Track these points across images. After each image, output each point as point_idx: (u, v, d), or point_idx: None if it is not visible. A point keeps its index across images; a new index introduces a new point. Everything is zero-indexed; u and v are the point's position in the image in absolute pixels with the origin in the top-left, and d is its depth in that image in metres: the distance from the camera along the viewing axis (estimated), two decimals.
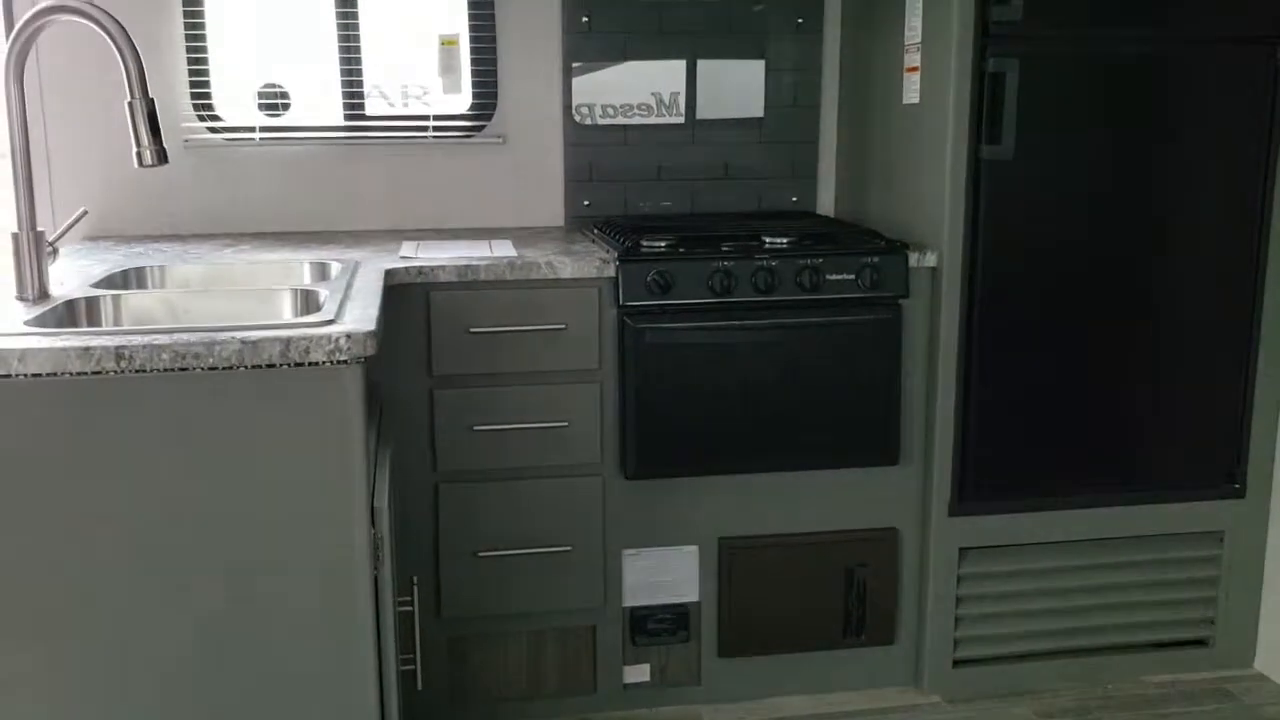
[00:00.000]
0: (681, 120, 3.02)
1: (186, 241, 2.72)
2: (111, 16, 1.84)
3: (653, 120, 3.01)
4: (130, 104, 1.83)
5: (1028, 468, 2.59)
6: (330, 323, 1.69)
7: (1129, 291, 2.55)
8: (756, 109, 3.05)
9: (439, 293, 2.35)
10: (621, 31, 2.94)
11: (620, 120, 2.99)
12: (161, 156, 1.85)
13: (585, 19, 2.92)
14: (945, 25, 2.42)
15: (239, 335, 1.62)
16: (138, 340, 1.59)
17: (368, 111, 2.93)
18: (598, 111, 2.98)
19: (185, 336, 1.61)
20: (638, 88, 2.99)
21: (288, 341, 1.62)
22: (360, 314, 1.78)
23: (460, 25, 2.91)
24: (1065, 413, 2.57)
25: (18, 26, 1.86)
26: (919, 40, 2.56)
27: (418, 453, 2.39)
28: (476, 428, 2.38)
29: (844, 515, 2.58)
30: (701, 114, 3.03)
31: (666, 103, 3.02)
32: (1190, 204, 2.53)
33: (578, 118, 2.96)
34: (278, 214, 2.88)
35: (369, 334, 1.66)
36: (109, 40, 1.83)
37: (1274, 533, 2.70)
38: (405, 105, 3.03)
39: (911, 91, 2.60)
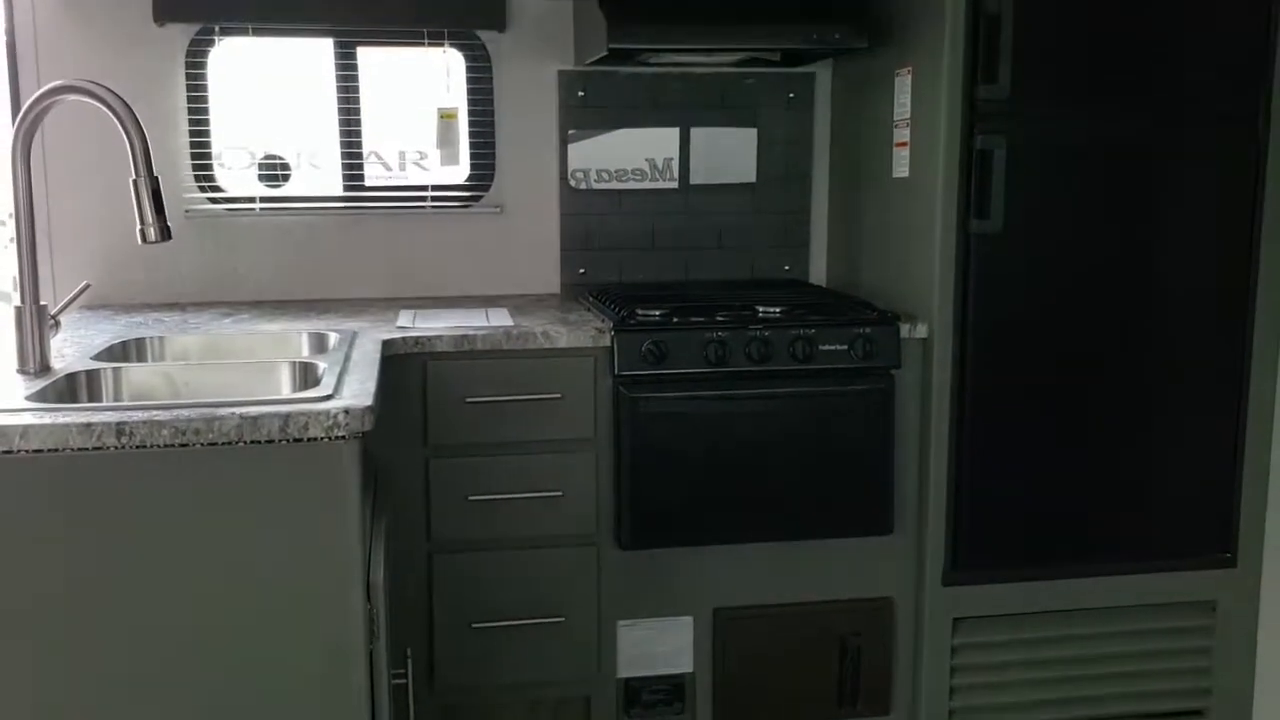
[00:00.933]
0: (675, 185, 3.07)
1: (186, 310, 2.75)
2: (118, 96, 1.88)
3: (646, 185, 3.06)
4: (135, 181, 1.87)
5: (1021, 537, 2.60)
6: (329, 398, 1.71)
7: (1118, 363, 2.58)
8: (749, 175, 3.09)
9: (436, 362, 2.37)
10: (616, 105, 2.99)
11: (615, 185, 3.04)
12: (165, 233, 1.88)
13: (581, 93, 2.98)
14: (934, 103, 2.48)
15: (238, 411, 1.64)
16: (138, 416, 1.61)
17: (367, 182, 2.98)
18: (593, 176, 3.02)
19: (185, 412, 1.63)
20: (631, 154, 3.04)
21: (286, 417, 1.64)
22: (358, 388, 1.80)
23: (459, 99, 2.96)
24: (1057, 482, 2.59)
25: (25, 106, 1.90)
26: (908, 116, 2.61)
27: (412, 522, 2.39)
28: (471, 498, 2.39)
29: (838, 585, 2.59)
30: (695, 179, 3.08)
31: (660, 168, 3.07)
32: (1176, 278, 2.57)
33: (573, 183, 3.01)
34: (277, 283, 2.91)
35: (366, 409, 1.68)
36: (115, 120, 1.87)
37: (1266, 602, 2.70)
38: (403, 170, 3.07)
39: (901, 166, 2.66)
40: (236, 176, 2.90)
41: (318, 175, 2.96)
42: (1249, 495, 2.66)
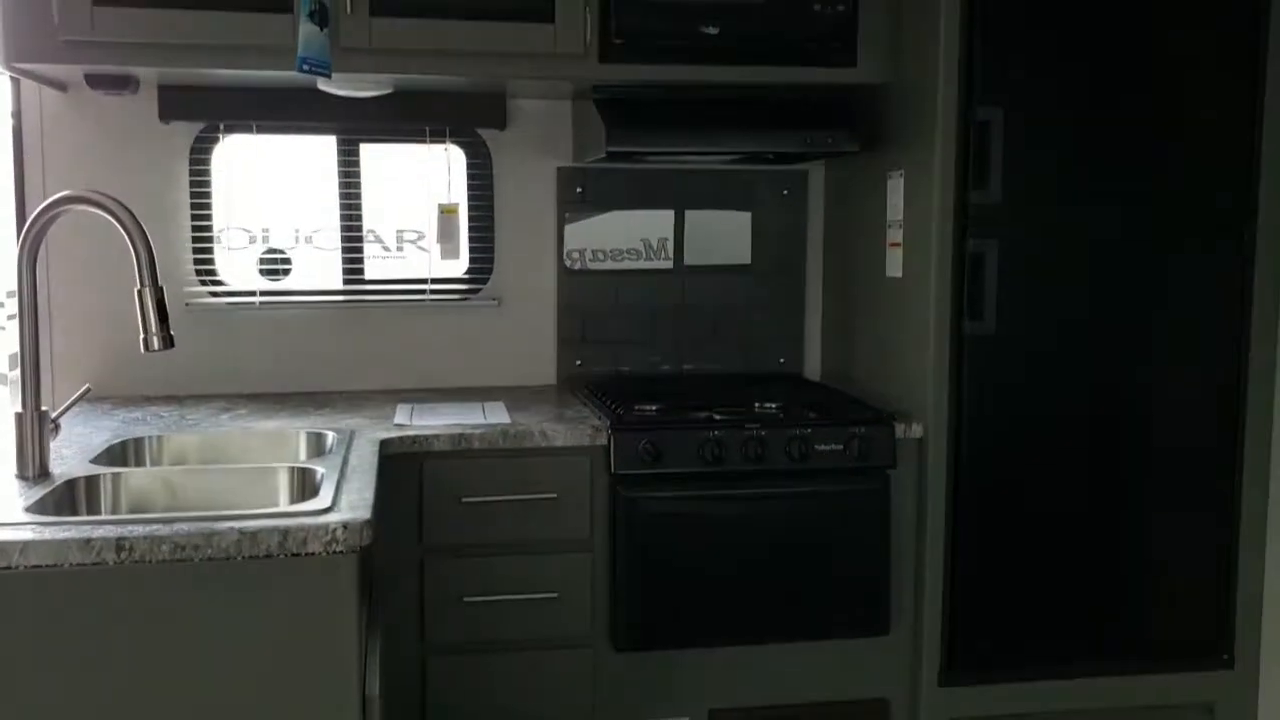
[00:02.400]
0: (670, 265, 3.10)
1: (184, 404, 2.76)
2: (124, 206, 1.91)
3: (641, 265, 3.09)
4: (140, 291, 1.89)
5: (1017, 638, 2.59)
6: (327, 510, 1.72)
7: (1113, 463, 2.59)
8: (744, 256, 3.12)
9: (432, 462, 2.38)
10: (613, 198, 3.04)
11: (610, 265, 3.07)
12: (168, 342, 1.90)
13: (579, 189, 3.02)
14: (926, 207, 2.52)
15: (237, 526, 1.64)
16: (138, 531, 1.61)
17: (366, 264, 3.01)
18: (588, 256, 3.06)
19: (184, 527, 1.63)
20: (627, 234, 3.07)
21: (285, 532, 1.64)
22: (356, 498, 1.80)
23: (460, 193, 3.00)
24: (1053, 583, 2.59)
25: (32, 217, 1.92)
26: (901, 218, 2.65)
27: (406, 623, 2.38)
28: (466, 599, 2.38)
29: (835, 686, 2.57)
30: (690, 260, 3.11)
31: (655, 248, 3.10)
32: (1170, 377, 2.60)
33: (568, 262, 3.04)
34: (275, 375, 2.93)
35: (365, 523, 1.68)
36: (122, 230, 1.89)
37: (1264, 704, 2.69)
38: (400, 251, 3.10)
39: (895, 265, 2.69)
40: (237, 270, 2.93)
41: (317, 268, 2.99)
42: (1245, 596, 2.67)
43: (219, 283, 2.92)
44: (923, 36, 2.52)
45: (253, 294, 2.92)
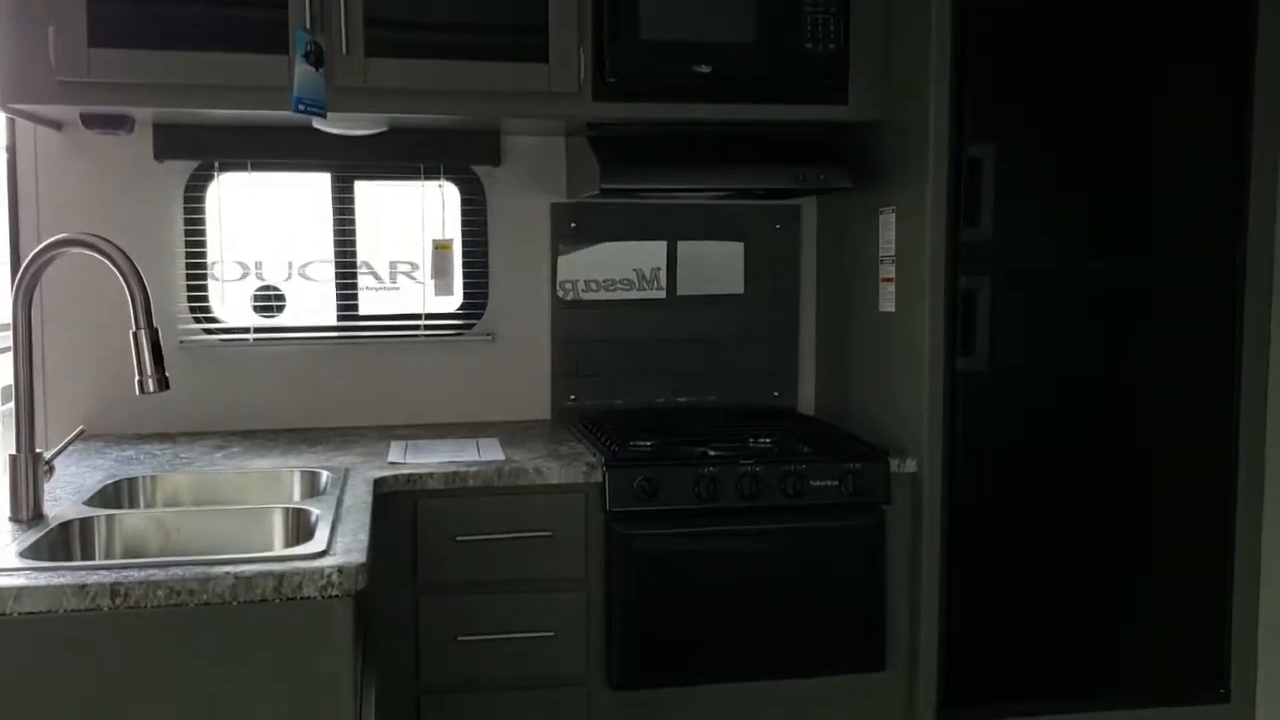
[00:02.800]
0: (663, 295, 3.10)
1: (177, 442, 2.75)
2: (119, 249, 1.91)
3: (634, 295, 3.09)
4: (135, 334, 1.89)
5: (1013, 673, 2.59)
6: (322, 554, 1.72)
7: (1107, 496, 2.60)
8: (737, 286, 3.13)
9: (426, 500, 2.38)
10: (607, 231, 3.05)
11: (603, 295, 3.07)
12: (163, 384, 1.90)
13: (573, 224, 3.04)
14: (918, 243, 2.54)
15: (232, 570, 1.64)
16: (134, 576, 1.61)
17: (359, 294, 3.01)
18: (580, 286, 3.06)
19: (180, 572, 1.63)
20: (620, 264, 3.08)
21: (280, 577, 1.64)
22: (351, 540, 1.80)
23: (454, 229, 3.01)
24: (1049, 617, 2.60)
25: (27, 260, 1.93)
26: (893, 253, 2.67)
27: (401, 662, 2.38)
28: (461, 638, 2.38)
29: None
30: (682, 289, 3.11)
31: (648, 278, 3.11)
32: (1161, 412, 2.61)
33: (561, 293, 3.04)
34: (269, 412, 2.93)
35: (360, 567, 1.68)
36: (117, 272, 1.90)
37: None
38: (394, 282, 3.10)
39: (887, 300, 2.71)
40: (232, 307, 2.93)
41: (312, 302, 2.99)
42: (1240, 629, 2.67)
43: (213, 320, 2.92)
44: (913, 75, 2.55)
45: (247, 331, 2.92)
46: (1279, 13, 2.58)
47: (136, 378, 1.90)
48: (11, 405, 2.04)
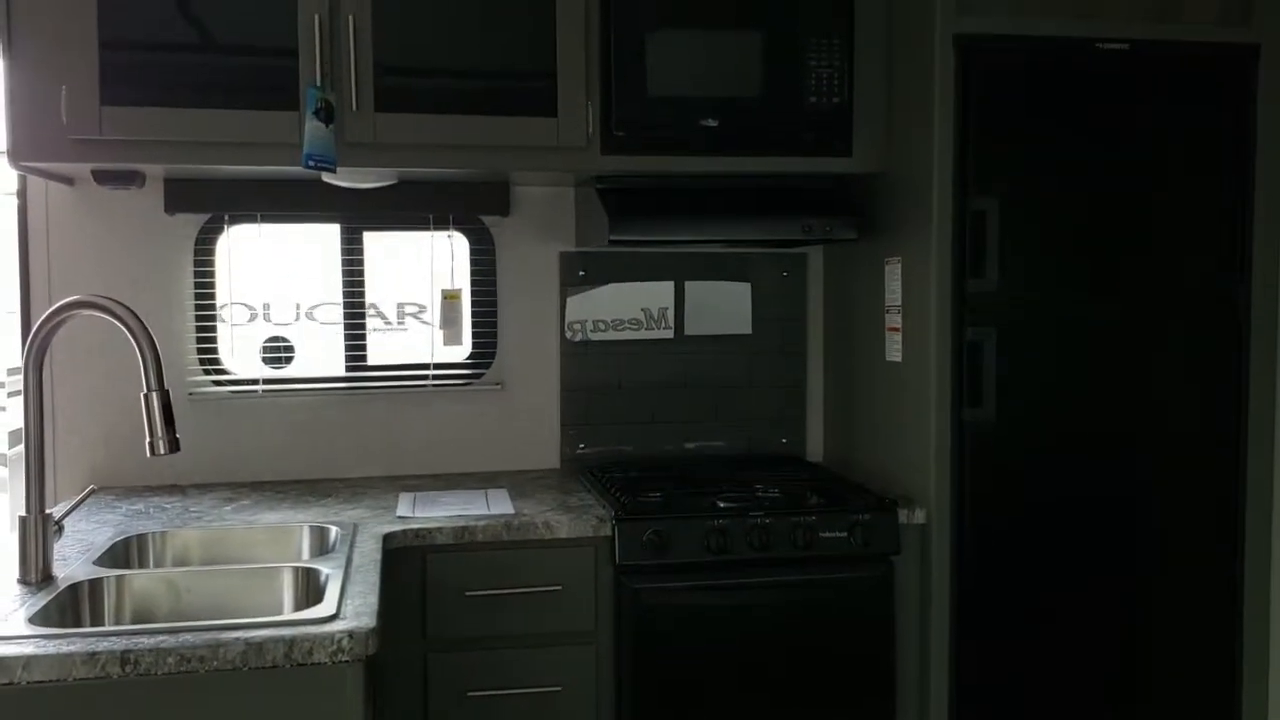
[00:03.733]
0: (670, 335, 3.11)
1: (187, 494, 2.76)
2: (131, 311, 1.93)
3: (642, 335, 3.10)
4: (146, 395, 1.90)
5: None
6: (333, 618, 1.72)
7: (1115, 547, 2.59)
8: (745, 326, 3.14)
9: (435, 555, 2.37)
10: (615, 278, 3.06)
11: (611, 335, 3.08)
12: (174, 445, 1.91)
13: (582, 272, 3.05)
14: (924, 294, 2.55)
15: (243, 636, 1.64)
16: (144, 643, 1.61)
17: (370, 358, 3.03)
18: (589, 327, 3.07)
19: (190, 638, 1.63)
20: (628, 304, 3.09)
21: (291, 642, 1.64)
22: (361, 603, 1.80)
23: (463, 279, 3.03)
24: (1060, 668, 2.58)
25: (39, 321, 1.94)
26: (899, 303, 2.68)
27: (411, 718, 2.36)
28: (470, 693, 2.37)
29: None
30: (690, 329, 3.12)
31: (655, 317, 3.12)
32: (1168, 462, 2.61)
33: (569, 334, 3.05)
34: (278, 463, 2.93)
35: (370, 632, 1.68)
36: (129, 335, 1.91)
37: None
38: (402, 323, 3.12)
39: (894, 350, 2.71)
40: (240, 357, 2.95)
41: (320, 350, 3.00)
42: (1251, 674, 2.65)
43: (222, 371, 2.93)
44: (917, 128, 2.56)
45: (255, 382, 2.93)
46: (1276, 62, 2.60)
47: (147, 439, 1.91)
48: (20, 449, 2.04)
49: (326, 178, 2.67)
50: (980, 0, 2.49)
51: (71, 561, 2.08)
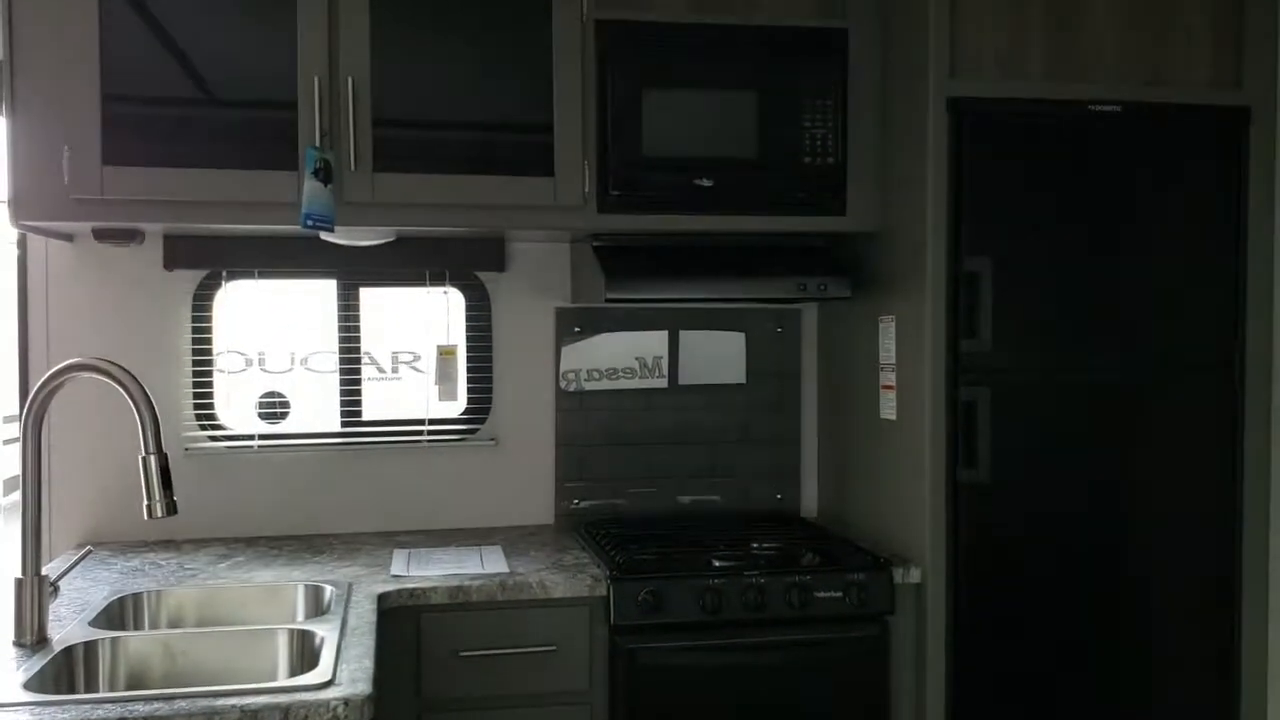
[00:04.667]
0: (665, 384, 3.12)
1: (182, 549, 2.75)
2: (130, 374, 1.94)
3: (636, 384, 3.11)
4: (144, 459, 1.91)
5: None
6: (328, 684, 1.71)
7: (1112, 607, 2.60)
8: (739, 376, 3.15)
9: (430, 615, 2.37)
10: (610, 331, 3.08)
11: (605, 384, 3.09)
12: (171, 509, 1.91)
13: (578, 329, 3.07)
14: (918, 354, 2.57)
15: (238, 703, 1.64)
16: (139, 711, 1.61)
17: (365, 412, 3.03)
18: (583, 376, 3.08)
19: (185, 704, 1.63)
20: (622, 353, 3.10)
21: (286, 710, 1.64)
22: (357, 668, 1.80)
23: (458, 334, 3.04)
24: None
25: (39, 383, 1.95)
26: (893, 361, 2.69)
27: None
28: None
29: None
30: (685, 378, 3.13)
31: (650, 366, 3.13)
32: (1164, 519, 2.62)
33: (563, 384, 3.06)
34: (273, 519, 2.93)
35: (366, 699, 1.68)
36: (128, 397, 1.92)
37: None
38: (396, 373, 3.12)
39: (889, 408, 2.72)
40: (236, 412, 2.95)
41: (317, 402, 3.01)
42: None
43: (218, 427, 2.93)
44: (911, 188, 2.59)
45: (251, 438, 2.93)
46: (1270, 126, 2.64)
47: (145, 502, 1.91)
48: (15, 496, 2.04)
49: (325, 236, 2.69)
50: (972, 63, 2.53)
51: (67, 622, 2.08)
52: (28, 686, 1.72)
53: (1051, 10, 2.56)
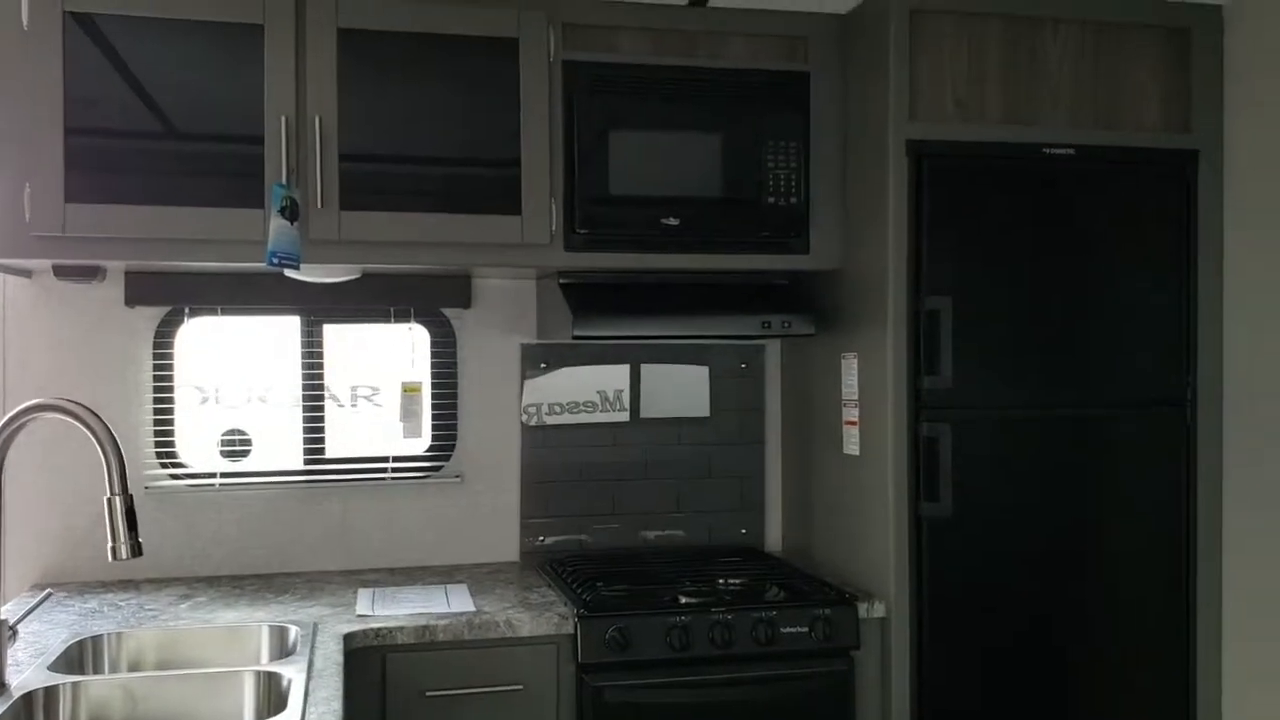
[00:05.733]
0: (626, 417, 3.13)
1: (141, 590, 2.71)
2: (96, 415, 1.91)
3: (598, 418, 3.11)
4: (110, 500, 1.88)
5: None
6: None
7: (1076, 639, 2.64)
8: (702, 409, 3.17)
9: (396, 655, 2.35)
10: (575, 366, 3.10)
11: (566, 419, 3.09)
12: (136, 550, 1.89)
13: (544, 365, 3.08)
14: (880, 390, 2.60)
15: None
16: None
17: (328, 451, 3.01)
18: (544, 410, 3.08)
19: None
20: (583, 387, 3.11)
21: None
22: (325, 709, 1.79)
23: (423, 371, 3.04)
24: None
25: (1, 423, 1.92)
26: (856, 398, 2.73)
27: None
28: None
29: None
30: (647, 412, 3.14)
31: (611, 399, 3.14)
32: (1122, 552, 2.67)
33: (525, 418, 3.06)
34: (234, 558, 2.90)
35: None
36: (93, 439, 1.90)
37: None
38: (355, 405, 3.10)
39: (852, 443, 2.76)
40: (197, 451, 2.92)
41: (278, 443, 2.99)
42: None
43: (179, 465, 2.90)
44: (872, 228, 2.64)
45: (213, 475, 2.91)
46: (1217, 167, 2.72)
47: (109, 544, 1.88)
48: None
49: (290, 273, 2.68)
50: (932, 107, 2.59)
51: (25, 667, 2.04)
52: None
53: (1007, 57, 2.63)
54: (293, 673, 1.99)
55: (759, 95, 2.71)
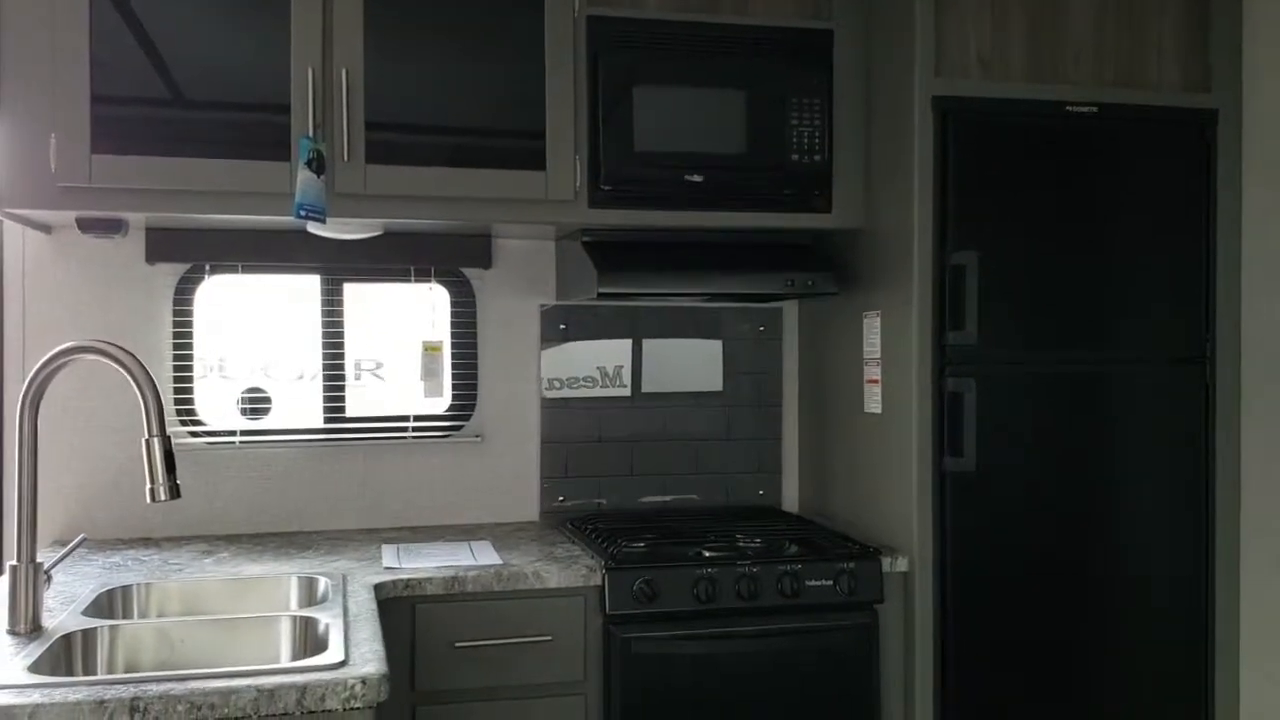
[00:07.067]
0: (627, 392, 3.13)
1: (162, 547, 2.71)
2: (133, 356, 1.91)
3: (613, 392, 3.11)
4: (148, 440, 1.88)
5: None
6: (342, 664, 1.70)
7: (1097, 593, 2.66)
8: (715, 383, 3.18)
9: (425, 605, 2.36)
10: (596, 332, 3.10)
11: (583, 392, 3.09)
12: (174, 491, 1.88)
13: (563, 326, 3.08)
14: (904, 347, 2.61)
15: (254, 683, 1.62)
16: (153, 690, 1.58)
17: (349, 412, 3.01)
18: (565, 383, 3.08)
19: (200, 685, 1.61)
20: (601, 360, 3.12)
21: (304, 689, 1.62)
22: (368, 650, 1.79)
23: (443, 331, 3.04)
24: (1044, 714, 2.62)
25: (38, 365, 1.91)
26: (878, 356, 2.74)
27: None
28: None
29: None
30: (663, 387, 3.14)
31: (611, 375, 3.14)
32: (1145, 506, 2.69)
33: (547, 390, 3.07)
34: (254, 516, 2.89)
35: (383, 677, 1.67)
36: (130, 379, 1.89)
37: None
38: (379, 372, 3.08)
39: (873, 402, 2.77)
40: (217, 409, 2.92)
41: (299, 401, 2.98)
42: (1223, 711, 2.72)
43: (199, 423, 2.89)
44: (896, 185, 2.65)
45: (233, 434, 2.90)
46: (1236, 128, 2.73)
47: (148, 485, 1.88)
48: None
49: (312, 228, 2.67)
50: (956, 65, 2.59)
51: (57, 613, 2.04)
52: (31, 670, 1.69)
53: (1031, 14, 2.64)
54: (329, 617, 1.99)
55: (783, 52, 2.72)
